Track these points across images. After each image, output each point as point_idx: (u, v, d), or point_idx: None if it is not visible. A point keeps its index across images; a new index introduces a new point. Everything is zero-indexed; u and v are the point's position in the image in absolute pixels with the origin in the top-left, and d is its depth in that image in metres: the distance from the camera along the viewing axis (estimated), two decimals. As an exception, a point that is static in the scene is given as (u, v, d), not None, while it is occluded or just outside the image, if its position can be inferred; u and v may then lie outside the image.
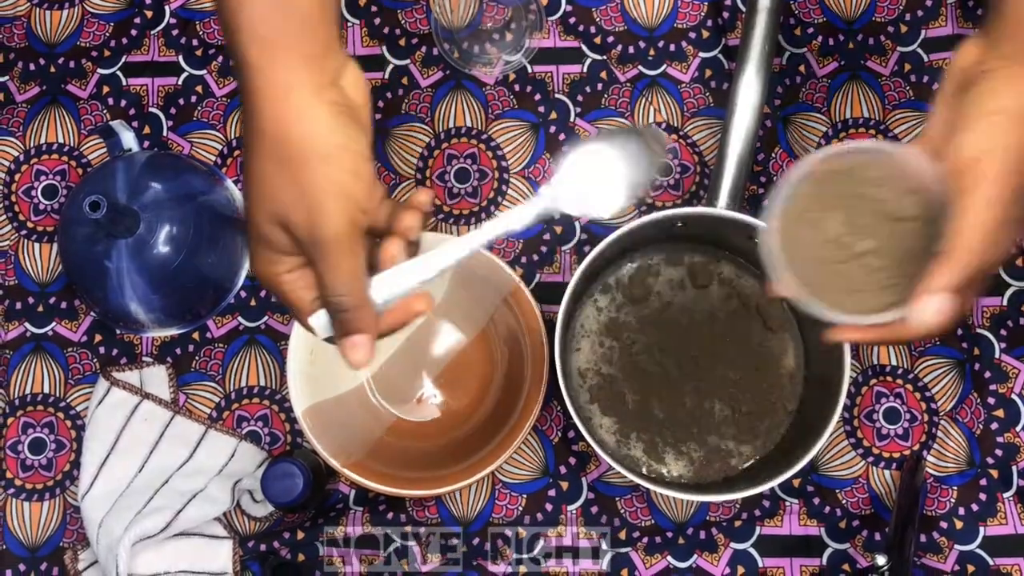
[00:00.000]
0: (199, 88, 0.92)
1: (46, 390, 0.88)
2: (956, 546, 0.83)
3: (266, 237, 0.51)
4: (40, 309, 0.89)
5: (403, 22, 0.93)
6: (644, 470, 0.83)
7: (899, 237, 0.55)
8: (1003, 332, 0.86)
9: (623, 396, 0.84)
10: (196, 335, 0.89)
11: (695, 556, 0.84)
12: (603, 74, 0.91)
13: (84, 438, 0.85)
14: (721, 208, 0.79)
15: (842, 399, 0.75)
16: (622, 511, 0.85)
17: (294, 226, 0.50)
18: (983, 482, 0.84)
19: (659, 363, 0.84)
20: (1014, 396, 0.85)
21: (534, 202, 0.56)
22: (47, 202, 0.91)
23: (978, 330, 0.86)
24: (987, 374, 0.85)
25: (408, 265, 0.54)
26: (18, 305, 0.89)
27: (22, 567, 0.85)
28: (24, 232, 0.91)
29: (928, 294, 0.52)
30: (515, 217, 0.55)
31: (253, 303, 0.89)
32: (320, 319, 0.54)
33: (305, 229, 0.49)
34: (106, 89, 0.93)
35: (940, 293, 0.51)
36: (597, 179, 0.57)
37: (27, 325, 0.89)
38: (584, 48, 0.92)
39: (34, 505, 0.86)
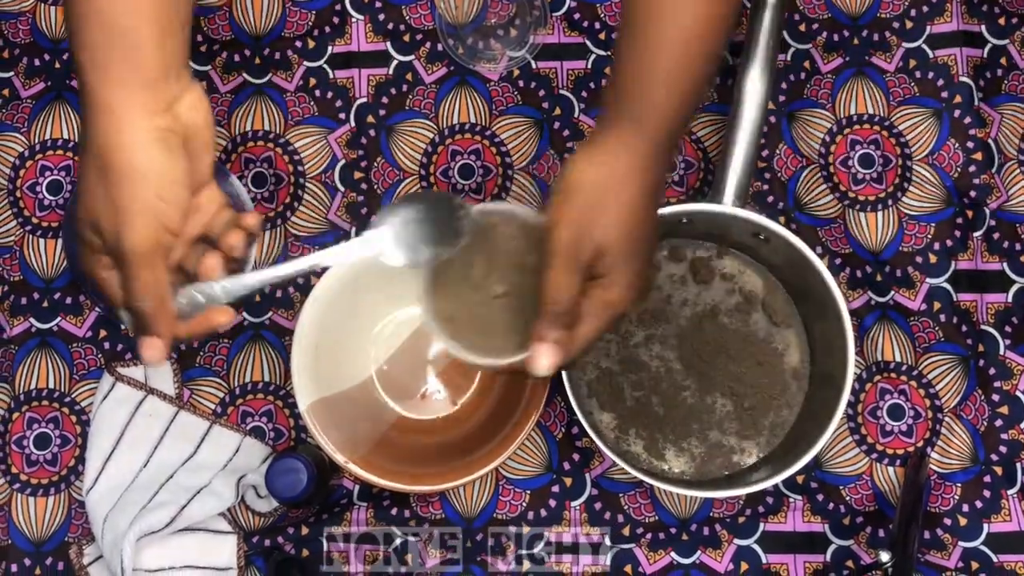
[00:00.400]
0: (204, 84, 0.92)
1: (51, 385, 0.88)
2: (960, 543, 0.83)
3: (85, 238, 0.56)
4: (45, 304, 0.89)
5: (407, 18, 0.93)
6: (644, 467, 0.83)
7: (527, 286, 0.63)
8: (1008, 329, 0.86)
9: (622, 391, 0.83)
10: (200, 331, 0.89)
11: (698, 552, 0.84)
12: (608, 70, 0.91)
13: (89, 433, 0.85)
14: (725, 204, 0.79)
15: (846, 395, 0.75)
16: (625, 507, 0.85)
17: (103, 234, 0.55)
18: (987, 479, 0.84)
19: (659, 356, 0.84)
20: (1018, 393, 0.85)
21: (357, 245, 0.63)
22: (52, 197, 0.91)
23: (983, 327, 0.86)
24: (991, 371, 0.85)
25: (221, 282, 0.60)
26: (23, 300, 0.89)
27: (27, 562, 0.86)
28: (29, 228, 0.91)
29: (536, 342, 0.59)
30: (336, 254, 0.63)
31: (257, 299, 0.89)
32: (125, 316, 0.59)
33: (112, 239, 0.55)
34: (111, 85, 0.93)
35: (543, 342, 0.59)
36: (411, 236, 0.63)
37: (32, 320, 0.89)
38: (589, 44, 0.92)
39: (39, 500, 0.86)
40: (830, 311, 0.77)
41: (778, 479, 0.75)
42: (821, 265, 0.77)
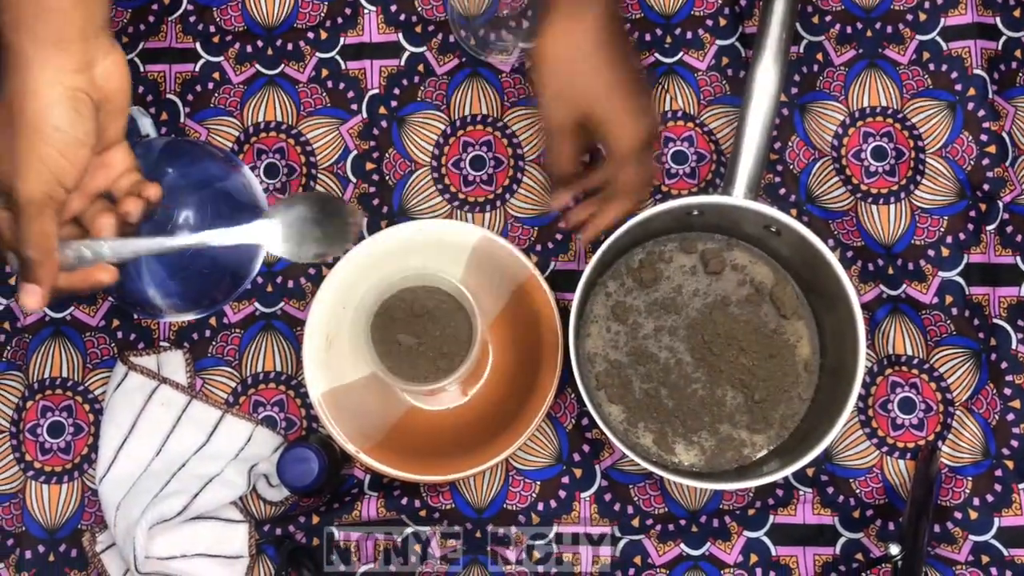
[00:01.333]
0: (216, 75, 0.92)
1: (64, 374, 0.89)
2: (970, 537, 0.83)
3: None
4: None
5: (419, 9, 0.93)
6: (653, 460, 0.83)
7: (434, 335, 0.83)
8: (1020, 323, 0.86)
9: (630, 383, 0.83)
10: (213, 320, 0.89)
11: (708, 544, 0.84)
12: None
13: (102, 422, 0.86)
14: (737, 197, 0.79)
15: (857, 388, 0.75)
16: (635, 499, 0.85)
17: (1, 179, 0.58)
18: (998, 473, 0.84)
19: (669, 348, 0.84)
20: (1030, 387, 0.85)
21: (243, 231, 0.68)
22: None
23: (995, 320, 0.86)
24: (1003, 364, 0.85)
25: (110, 242, 0.64)
26: (37, 290, 0.90)
27: (41, 548, 0.86)
28: (43, 217, 0.91)
29: (557, 207, 0.82)
30: (224, 236, 0.68)
31: (270, 289, 0.89)
32: (12, 259, 0.62)
33: (6, 186, 0.58)
34: (124, 75, 0.93)
35: (560, 204, 0.82)
36: (299, 233, 0.69)
37: (46, 309, 0.90)
38: (600, 35, 0.91)
39: (53, 488, 0.87)
40: (841, 304, 0.77)
41: (788, 471, 0.75)
42: (833, 258, 0.77)
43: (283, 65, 0.92)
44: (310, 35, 0.92)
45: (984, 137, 0.88)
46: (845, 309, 0.77)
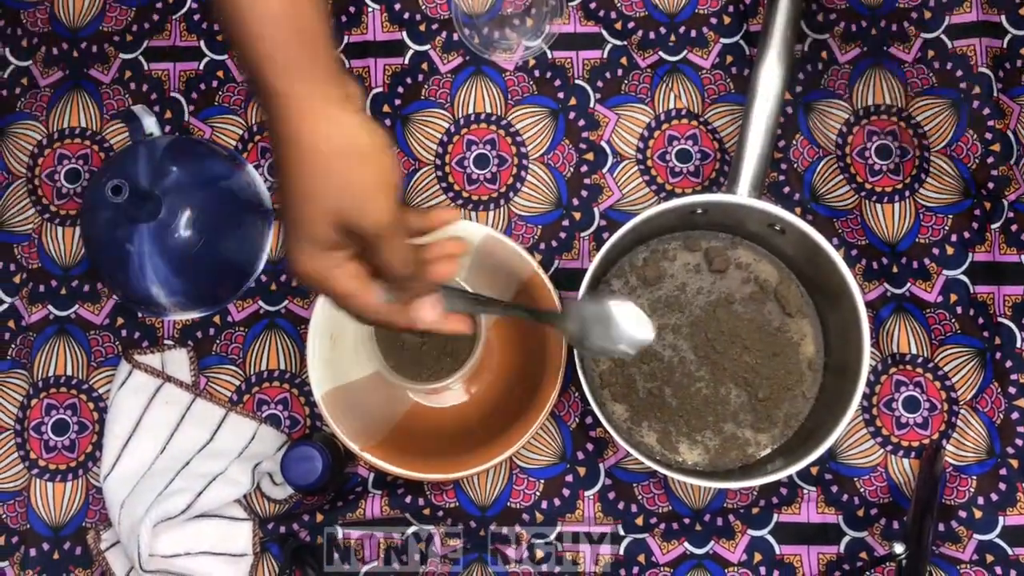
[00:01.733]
0: (220, 73, 0.92)
1: (69, 372, 0.89)
2: (975, 535, 0.83)
3: (318, 237, 0.56)
4: (63, 292, 0.90)
5: (423, 7, 0.93)
6: (657, 459, 0.83)
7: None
8: (1025, 321, 0.86)
9: (634, 382, 0.83)
10: (217, 319, 0.89)
11: (712, 542, 0.84)
12: (623, 60, 0.91)
13: (106, 420, 0.86)
14: (741, 195, 0.78)
15: (861, 387, 0.75)
16: (639, 497, 0.85)
17: (352, 221, 0.55)
18: (1003, 471, 0.84)
19: (672, 346, 0.84)
20: (1035, 386, 0.85)
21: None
22: (70, 186, 0.92)
23: (999, 319, 0.86)
24: (1008, 363, 0.85)
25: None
26: (41, 288, 0.90)
27: (46, 546, 0.86)
28: (47, 216, 0.91)
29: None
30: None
31: (273, 287, 0.89)
32: (381, 296, 0.60)
33: (362, 222, 0.55)
34: (128, 74, 0.93)
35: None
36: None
37: (50, 308, 0.90)
38: (604, 34, 0.92)
39: (57, 485, 0.87)
40: (846, 302, 0.77)
41: (792, 470, 0.75)
42: (837, 256, 0.77)
43: (287, 63, 0.92)
44: (314, 33, 0.92)
45: (989, 135, 0.88)
46: (849, 307, 0.77)
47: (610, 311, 0.70)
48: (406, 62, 0.92)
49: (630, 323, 0.69)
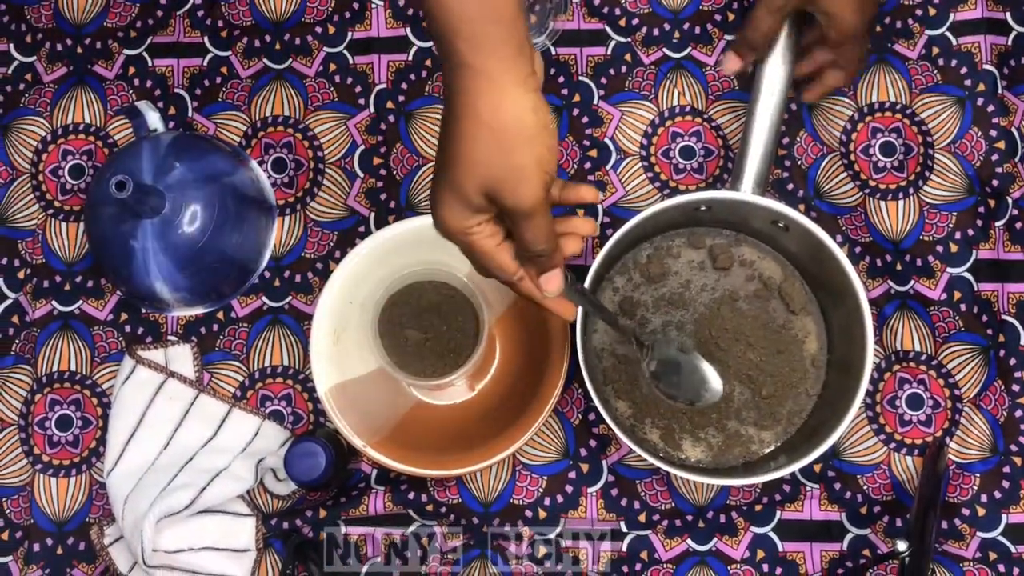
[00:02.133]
0: (224, 69, 0.92)
1: (72, 368, 0.89)
2: (978, 533, 0.83)
3: (470, 200, 0.59)
4: (67, 288, 0.90)
5: (427, 4, 0.92)
6: (660, 456, 0.83)
7: (442, 329, 0.84)
8: (1029, 319, 0.86)
9: (637, 379, 0.83)
10: (220, 315, 0.89)
11: (715, 539, 0.84)
12: (627, 56, 0.91)
13: (110, 415, 0.86)
14: (745, 192, 0.78)
15: (864, 384, 0.75)
16: (642, 494, 0.85)
17: (503, 196, 0.58)
18: (1006, 469, 0.84)
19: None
20: (1039, 383, 0.85)
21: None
22: (74, 181, 0.92)
23: (1003, 317, 0.86)
24: (1012, 361, 0.85)
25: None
26: (45, 283, 0.90)
27: (49, 541, 0.87)
28: (51, 211, 0.91)
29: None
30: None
31: (277, 283, 0.89)
32: (512, 258, 0.63)
33: (512, 199, 0.58)
34: (132, 70, 0.93)
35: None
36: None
37: (54, 303, 0.90)
38: (608, 30, 0.91)
39: (61, 481, 0.87)
40: (849, 300, 0.77)
41: (795, 467, 0.75)
42: (841, 253, 0.77)
43: (291, 60, 0.92)
44: (318, 30, 0.92)
45: (993, 133, 0.88)
46: (853, 305, 0.77)
47: (695, 364, 0.78)
48: (410, 58, 0.92)
49: (705, 379, 0.77)
